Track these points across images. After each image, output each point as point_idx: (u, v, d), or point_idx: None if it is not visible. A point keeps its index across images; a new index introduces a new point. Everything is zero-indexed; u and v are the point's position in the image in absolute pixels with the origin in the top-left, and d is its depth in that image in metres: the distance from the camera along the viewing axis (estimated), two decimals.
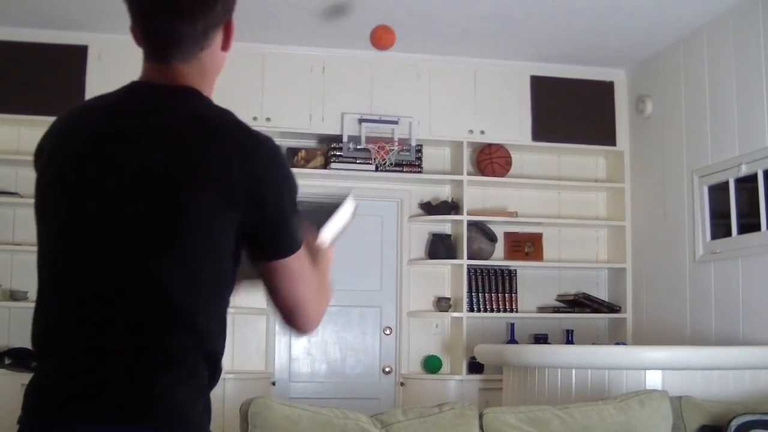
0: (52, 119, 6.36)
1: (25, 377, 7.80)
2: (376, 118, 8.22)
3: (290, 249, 2.36)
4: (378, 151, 8.18)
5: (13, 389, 7.38)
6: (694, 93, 7.64)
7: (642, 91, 8.45)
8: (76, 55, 7.89)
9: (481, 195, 8.61)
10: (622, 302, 8.58)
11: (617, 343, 8.11)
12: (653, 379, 5.50)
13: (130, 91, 2.46)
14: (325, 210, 3.14)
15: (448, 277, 8.61)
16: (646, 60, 8.39)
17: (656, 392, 4.69)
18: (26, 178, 7.91)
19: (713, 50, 7.41)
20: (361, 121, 8.18)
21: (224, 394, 7.59)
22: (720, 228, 7.32)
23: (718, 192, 7.33)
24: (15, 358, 7.49)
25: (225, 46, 2.47)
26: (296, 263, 2.40)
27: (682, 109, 7.81)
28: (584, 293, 8.59)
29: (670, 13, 7.34)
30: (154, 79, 2.44)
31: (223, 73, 7.65)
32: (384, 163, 8.21)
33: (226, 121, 2.35)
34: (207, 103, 2.41)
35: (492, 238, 8.45)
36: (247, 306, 8.07)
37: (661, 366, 5.58)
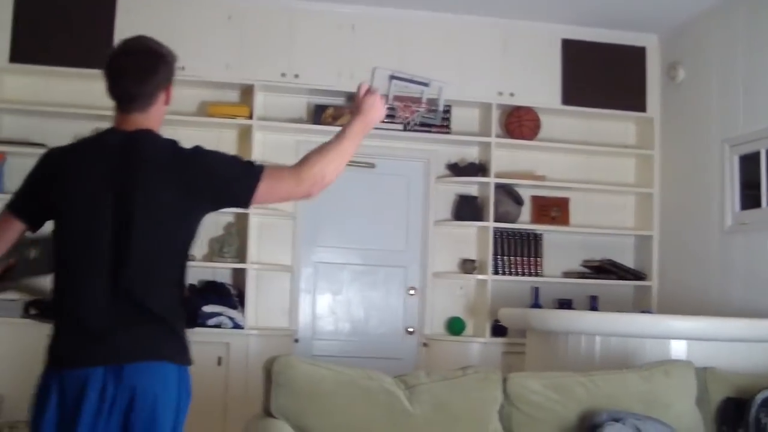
0: (81, 71, 6.59)
1: (49, 328, 7.83)
2: (408, 77, 8.16)
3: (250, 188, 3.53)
4: (403, 110, 8.14)
5: (39, 339, 7.41)
6: (728, 61, 7.57)
7: (674, 57, 8.37)
8: (105, 7, 7.86)
9: (508, 158, 8.56)
10: (647, 270, 8.54)
11: (642, 311, 8.08)
12: (678, 349, 5.48)
13: (108, 133, 3.56)
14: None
15: (473, 239, 8.58)
16: (679, 26, 8.30)
17: (681, 362, 4.68)
18: (54, 130, 7.94)
19: (748, 17, 7.33)
20: (392, 77, 8.12)
21: (248, 350, 7.61)
22: (750, 198, 7.26)
23: (749, 162, 7.26)
24: (40, 309, 7.52)
25: (166, 101, 3.61)
26: (263, 187, 3.56)
27: (715, 77, 7.73)
28: (610, 260, 8.55)
29: None
30: (121, 125, 3.54)
31: (252, 30, 7.72)
32: (408, 123, 8.18)
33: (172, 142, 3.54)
34: (159, 137, 3.54)
35: (519, 201, 8.42)
36: (272, 263, 8.10)
37: (687, 336, 5.55)
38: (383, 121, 8.09)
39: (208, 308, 7.62)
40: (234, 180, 3.50)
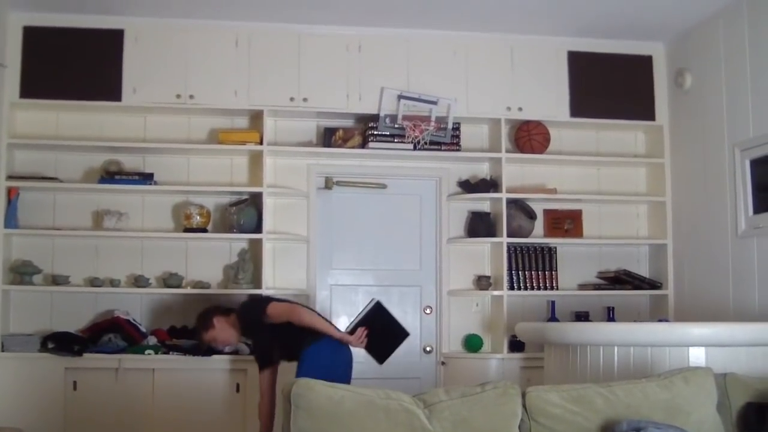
0: (90, 104, 6.73)
1: (68, 361, 7.83)
2: (416, 96, 8.19)
3: None
4: (413, 129, 8.16)
5: (56, 372, 7.45)
6: (735, 65, 7.57)
7: (681, 64, 8.37)
8: (113, 39, 7.91)
9: (519, 172, 8.58)
10: (663, 278, 8.52)
11: (660, 320, 8.07)
12: (696, 356, 5.46)
13: None
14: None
15: (487, 255, 8.58)
16: (684, 33, 8.30)
17: (700, 369, 4.66)
18: (66, 163, 7.98)
19: (754, 21, 7.33)
20: (400, 97, 8.15)
21: None
22: (763, 202, 7.24)
23: (761, 165, 7.25)
24: (58, 342, 7.54)
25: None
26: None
27: (723, 82, 7.73)
28: (625, 270, 8.53)
29: None
30: None
31: (260, 55, 7.84)
32: (418, 142, 8.19)
33: None
34: None
35: (531, 215, 8.42)
36: (287, 287, 8.11)
37: (705, 343, 5.53)
38: (394, 141, 8.18)
39: None
40: None
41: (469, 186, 8.43)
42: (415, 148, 8.19)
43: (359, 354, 8.27)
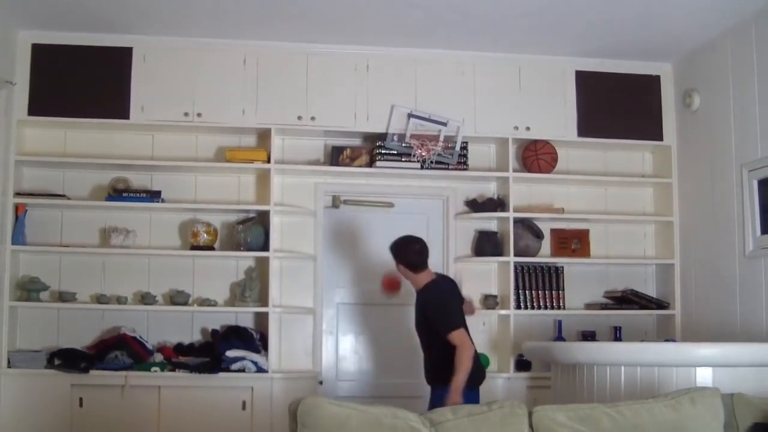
0: (98, 121, 6.75)
1: (74, 377, 7.81)
2: (425, 115, 8.19)
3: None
4: (420, 148, 8.16)
5: (63, 389, 7.45)
6: (743, 86, 7.56)
7: (689, 84, 8.37)
8: (121, 58, 7.93)
9: (527, 192, 8.58)
10: (670, 298, 8.51)
11: (667, 340, 8.05)
12: (704, 377, 5.44)
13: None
14: None
15: (494, 274, 8.57)
16: (692, 53, 8.30)
17: (708, 390, 4.64)
18: (73, 181, 8.00)
19: (762, 41, 7.32)
20: (410, 116, 8.16)
21: (272, 393, 7.61)
22: None
23: None
24: (64, 359, 7.54)
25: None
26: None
27: (731, 102, 7.72)
28: (632, 290, 8.52)
29: (716, 4, 7.26)
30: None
31: (267, 74, 7.83)
32: (425, 161, 8.19)
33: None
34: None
35: (538, 235, 8.41)
36: (294, 305, 8.10)
37: (712, 363, 5.51)
38: (401, 160, 8.16)
39: (231, 353, 7.62)
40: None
41: (476, 205, 8.43)
42: (422, 167, 8.19)
43: (366, 371, 8.27)
